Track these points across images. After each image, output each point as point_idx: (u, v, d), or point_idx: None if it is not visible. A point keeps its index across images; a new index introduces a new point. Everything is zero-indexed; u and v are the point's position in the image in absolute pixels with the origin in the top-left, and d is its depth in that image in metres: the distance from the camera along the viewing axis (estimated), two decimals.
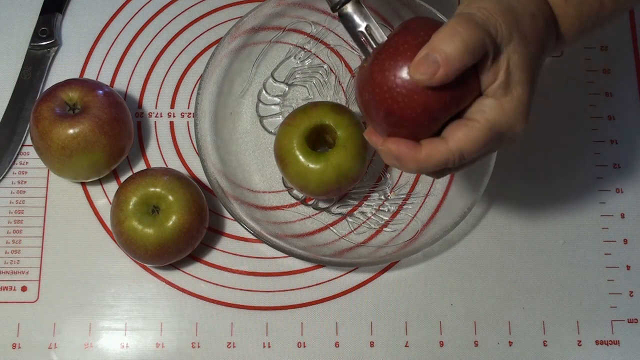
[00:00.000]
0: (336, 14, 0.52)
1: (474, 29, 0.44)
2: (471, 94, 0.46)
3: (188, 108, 0.69)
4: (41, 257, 0.64)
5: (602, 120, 0.69)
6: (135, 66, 0.70)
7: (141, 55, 0.70)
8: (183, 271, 0.64)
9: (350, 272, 0.64)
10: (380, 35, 0.51)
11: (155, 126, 0.68)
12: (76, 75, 0.69)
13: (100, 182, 0.66)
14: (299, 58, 0.70)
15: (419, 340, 0.63)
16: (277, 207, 0.66)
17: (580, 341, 0.63)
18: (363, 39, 0.52)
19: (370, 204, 0.66)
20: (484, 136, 0.46)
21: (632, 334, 0.63)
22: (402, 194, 0.66)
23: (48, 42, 0.69)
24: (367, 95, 0.47)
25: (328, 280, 0.64)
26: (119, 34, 0.70)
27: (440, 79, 0.44)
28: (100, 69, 0.69)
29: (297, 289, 0.64)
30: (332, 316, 0.63)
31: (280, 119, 0.68)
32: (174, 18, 0.71)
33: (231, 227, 0.65)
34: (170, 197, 0.60)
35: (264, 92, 0.69)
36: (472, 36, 0.44)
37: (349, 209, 0.66)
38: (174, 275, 0.64)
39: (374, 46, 0.51)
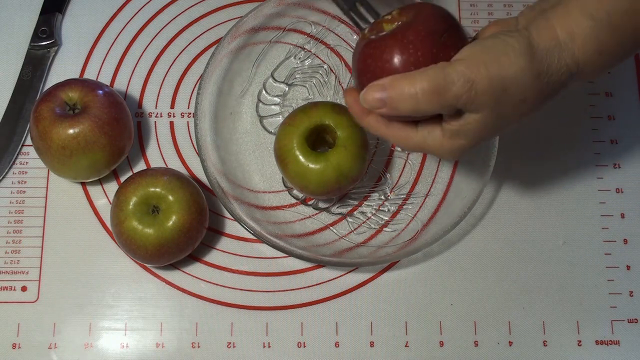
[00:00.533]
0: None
1: (435, 101, 0.46)
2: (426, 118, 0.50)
3: (188, 108, 0.69)
4: (41, 257, 0.64)
5: (602, 120, 0.69)
6: (135, 66, 0.70)
7: (141, 55, 0.70)
8: (183, 271, 0.64)
9: (350, 272, 0.64)
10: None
11: (155, 126, 0.68)
12: (76, 75, 0.69)
13: (100, 182, 0.66)
14: (299, 58, 0.70)
15: (419, 340, 0.63)
16: (277, 207, 0.66)
17: (580, 341, 0.63)
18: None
19: (370, 204, 0.66)
20: (414, 147, 0.52)
21: (632, 334, 0.63)
22: (402, 194, 0.66)
23: (48, 42, 0.69)
24: (361, 66, 0.51)
25: (328, 280, 0.64)
26: (119, 34, 0.70)
27: (381, 113, 0.48)
28: (100, 69, 0.69)
29: (297, 289, 0.64)
30: (332, 316, 0.63)
31: (280, 119, 0.68)
32: (174, 18, 0.71)
33: (231, 227, 0.65)
34: (170, 197, 0.60)
35: (264, 92, 0.69)
36: (428, 106, 0.47)
37: (349, 209, 0.66)
38: (174, 275, 0.64)
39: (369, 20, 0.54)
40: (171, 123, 0.68)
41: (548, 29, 0.47)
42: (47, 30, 0.70)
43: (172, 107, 0.69)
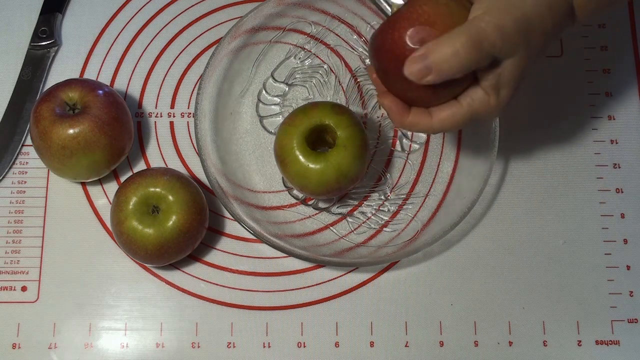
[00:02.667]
0: None
1: (475, 53, 0.48)
2: (464, 85, 0.51)
3: (188, 108, 0.69)
4: (41, 257, 0.64)
5: (602, 120, 0.69)
6: (135, 66, 0.70)
7: (141, 55, 0.70)
8: (183, 271, 0.64)
9: (350, 272, 0.64)
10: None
11: (155, 126, 0.68)
12: (76, 75, 0.69)
13: (100, 182, 0.66)
14: (299, 58, 0.70)
15: (419, 340, 0.63)
16: (277, 207, 0.66)
17: (580, 341, 0.63)
18: None
19: (370, 204, 0.66)
20: (464, 120, 0.52)
21: (632, 334, 0.63)
22: (402, 194, 0.66)
23: (48, 42, 0.69)
24: (381, 44, 0.51)
25: (328, 280, 0.64)
26: (119, 34, 0.70)
27: (427, 82, 0.49)
28: (100, 69, 0.69)
29: (297, 289, 0.64)
30: (332, 316, 0.63)
31: (280, 119, 0.68)
32: (174, 18, 0.71)
33: (231, 227, 0.65)
34: (170, 197, 0.60)
35: (264, 92, 0.69)
36: (470, 60, 0.48)
37: (349, 209, 0.66)
38: (174, 275, 0.64)
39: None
40: (171, 123, 0.68)
41: None
42: (47, 30, 0.70)
43: (172, 107, 0.69)
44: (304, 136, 0.60)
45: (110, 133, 0.61)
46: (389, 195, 0.66)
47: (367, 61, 0.70)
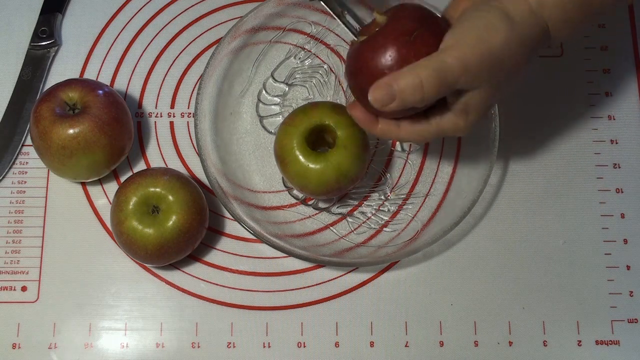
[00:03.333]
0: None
1: (439, 86, 0.49)
2: (431, 104, 0.52)
3: (188, 108, 0.69)
4: (41, 257, 0.64)
5: (602, 120, 0.69)
6: (135, 66, 0.70)
7: (141, 55, 0.70)
8: (183, 271, 0.64)
9: (350, 272, 0.64)
10: (354, 23, 0.58)
11: (155, 126, 0.68)
12: (76, 75, 0.69)
13: (100, 182, 0.66)
14: (299, 58, 0.70)
15: (419, 340, 0.63)
16: (277, 207, 0.66)
17: (580, 341, 0.63)
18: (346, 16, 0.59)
19: (370, 204, 0.66)
20: (431, 136, 0.54)
21: (632, 334, 0.63)
22: (402, 194, 0.66)
23: (48, 42, 0.69)
24: (352, 68, 0.54)
25: (328, 280, 0.64)
26: (119, 34, 0.70)
27: (390, 109, 0.50)
28: (100, 69, 0.69)
29: (297, 289, 0.64)
30: (332, 316, 0.63)
31: (280, 119, 0.68)
32: (174, 18, 0.71)
33: (231, 227, 0.65)
34: (170, 197, 0.60)
35: (264, 92, 0.69)
36: (433, 92, 0.49)
37: (349, 209, 0.66)
38: (174, 275, 0.64)
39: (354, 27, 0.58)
40: (171, 123, 0.68)
41: (519, 1, 0.50)
42: (47, 30, 0.70)
43: (172, 107, 0.69)
44: (304, 136, 0.60)
45: (110, 133, 0.61)
46: (389, 195, 0.66)
47: None
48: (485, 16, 0.50)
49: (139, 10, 0.71)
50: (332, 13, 0.58)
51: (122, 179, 0.66)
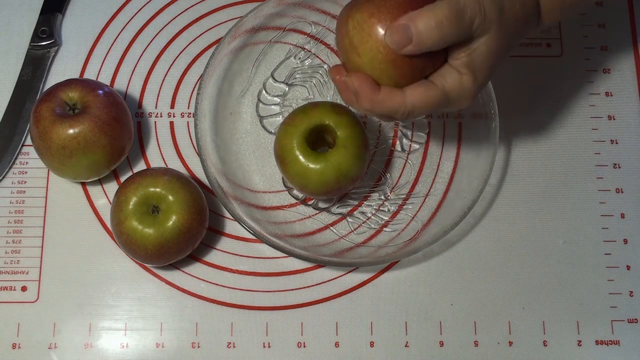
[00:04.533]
0: None
1: (457, 26, 0.48)
2: (436, 64, 0.51)
3: (188, 108, 0.69)
4: (41, 257, 0.64)
5: (602, 120, 0.69)
6: (135, 66, 0.70)
7: (141, 55, 0.70)
8: (183, 271, 0.64)
9: (350, 272, 0.64)
10: None
11: (155, 126, 0.68)
12: (76, 75, 0.69)
13: (100, 182, 0.66)
14: (299, 58, 0.70)
15: (419, 340, 0.63)
16: (277, 207, 0.66)
17: (580, 341, 0.63)
18: None
19: (370, 204, 0.66)
20: (436, 100, 0.51)
21: (632, 334, 0.63)
22: (402, 194, 0.66)
23: (48, 42, 0.69)
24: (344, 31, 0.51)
25: (328, 280, 0.64)
26: (119, 34, 0.70)
27: (407, 52, 0.49)
28: (100, 69, 0.69)
29: (297, 289, 0.64)
30: (332, 316, 0.63)
31: (280, 119, 0.68)
32: (174, 18, 0.71)
33: (231, 227, 0.65)
34: (170, 197, 0.60)
35: (264, 92, 0.69)
36: (452, 32, 0.48)
37: (349, 209, 0.66)
38: (174, 275, 0.64)
39: None
40: (171, 123, 0.68)
41: None
42: (47, 30, 0.70)
43: (172, 107, 0.69)
44: (304, 136, 0.60)
45: (110, 133, 0.61)
46: (389, 195, 0.66)
47: None
48: None
49: (139, 10, 0.71)
50: None
51: (122, 179, 0.66)
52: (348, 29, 0.51)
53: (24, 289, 0.63)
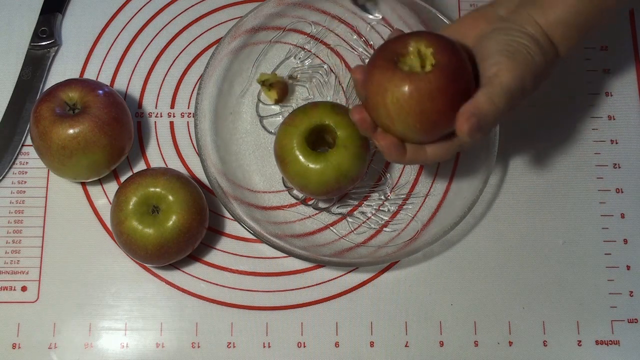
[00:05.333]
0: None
1: (508, 105, 0.52)
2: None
3: (188, 108, 0.69)
4: (41, 257, 0.64)
5: (602, 120, 0.69)
6: (135, 66, 0.70)
7: (141, 55, 0.70)
8: (183, 271, 0.64)
9: (350, 272, 0.64)
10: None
11: (155, 126, 0.68)
12: (76, 75, 0.69)
13: (100, 182, 0.66)
14: (299, 58, 0.70)
15: (419, 340, 0.63)
16: (277, 207, 0.66)
17: (580, 341, 0.63)
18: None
19: (370, 204, 0.66)
20: (454, 151, 0.55)
21: (632, 334, 0.63)
22: (402, 194, 0.66)
23: (48, 42, 0.69)
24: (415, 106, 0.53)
25: (328, 280, 0.64)
26: (119, 34, 0.70)
27: (477, 138, 0.53)
28: (100, 69, 0.69)
29: (297, 289, 0.64)
30: (332, 316, 0.63)
31: (280, 119, 0.68)
32: (174, 18, 0.71)
33: (231, 227, 0.65)
34: (170, 197, 0.60)
35: (263, 92, 0.69)
36: (504, 113, 0.53)
37: (349, 209, 0.66)
38: (174, 275, 0.64)
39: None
40: (171, 123, 0.68)
41: (536, 28, 0.54)
42: (47, 30, 0.70)
43: (172, 107, 0.69)
44: (304, 136, 0.60)
45: (110, 133, 0.61)
46: (389, 195, 0.66)
47: (367, 61, 0.69)
48: (522, 42, 0.53)
49: (139, 10, 0.71)
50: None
51: (122, 179, 0.66)
52: (386, 102, 0.52)
53: (24, 289, 0.63)
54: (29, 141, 0.67)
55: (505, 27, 0.54)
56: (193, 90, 0.69)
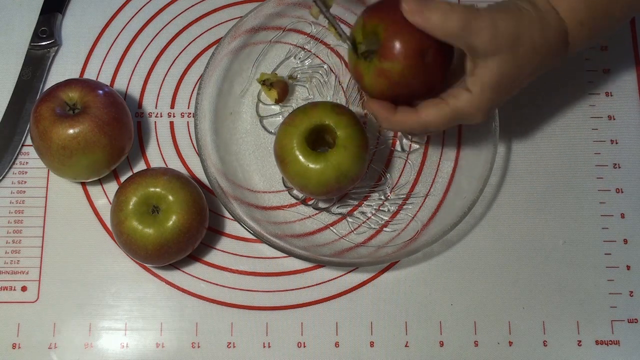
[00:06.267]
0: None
1: (463, 27, 0.52)
2: (443, 72, 0.56)
3: (188, 108, 0.69)
4: (41, 257, 0.64)
5: (602, 120, 0.69)
6: (135, 66, 0.70)
7: (141, 55, 0.70)
8: (183, 271, 0.64)
9: (350, 272, 0.64)
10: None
11: (155, 126, 0.68)
12: (76, 75, 0.69)
13: (100, 182, 0.66)
14: (299, 58, 0.70)
15: (419, 340, 0.63)
16: (277, 207, 0.66)
17: (580, 341, 0.63)
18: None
19: (370, 204, 0.66)
20: (449, 118, 0.56)
21: (632, 334, 0.63)
22: (402, 194, 0.66)
23: (48, 42, 0.69)
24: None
25: (328, 280, 0.64)
26: (119, 34, 0.71)
27: (413, 20, 0.53)
28: (100, 69, 0.69)
29: (297, 289, 0.64)
30: (332, 316, 0.63)
31: (280, 119, 0.68)
32: (174, 18, 0.71)
33: (231, 227, 0.65)
34: (170, 197, 0.60)
35: (263, 92, 0.69)
36: (455, 29, 0.52)
37: (349, 209, 0.66)
38: (174, 275, 0.64)
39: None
40: (171, 123, 0.68)
41: None
42: (47, 30, 0.70)
43: (172, 107, 0.69)
44: (304, 136, 0.60)
45: (110, 133, 0.61)
46: (389, 195, 0.66)
47: None
48: (517, 1, 0.54)
49: (139, 10, 0.71)
50: (327, 17, 0.59)
51: (122, 179, 0.66)
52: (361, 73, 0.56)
53: (24, 289, 0.63)
54: (29, 141, 0.67)
55: None
56: (193, 90, 0.69)
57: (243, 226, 0.61)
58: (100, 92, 0.62)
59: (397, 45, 0.54)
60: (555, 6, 0.54)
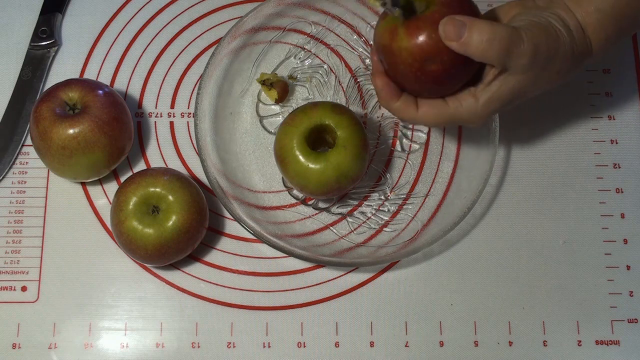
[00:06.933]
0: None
1: (505, 53, 0.51)
2: (459, 83, 0.54)
3: (188, 108, 0.69)
4: (41, 257, 0.64)
5: (602, 120, 0.69)
6: (135, 66, 0.70)
7: (141, 55, 0.70)
8: (183, 271, 0.64)
9: (350, 272, 0.64)
10: None
11: (155, 126, 0.68)
12: (76, 75, 0.69)
13: (100, 182, 0.66)
14: (299, 58, 0.70)
15: (419, 340, 0.63)
16: (277, 207, 0.66)
17: (580, 341, 0.63)
18: None
19: (370, 204, 0.66)
20: (446, 120, 0.55)
21: (632, 334, 0.63)
22: (402, 194, 0.66)
23: (48, 42, 0.69)
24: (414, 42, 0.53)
25: (328, 280, 0.64)
26: (119, 34, 0.71)
27: (450, 45, 0.51)
28: (100, 69, 0.69)
29: (297, 289, 0.64)
30: (332, 316, 0.63)
31: (280, 119, 0.68)
32: (174, 18, 0.71)
33: (231, 227, 0.65)
34: (170, 197, 0.60)
35: (263, 92, 0.69)
36: (493, 55, 0.51)
37: (349, 209, 0.66)
38: (174, 275, 0.64)
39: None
40: (171, 123, 0.68)
41: (570, 15, 0.53)
42: (47, 30, 0.70)
43: (172, 107, 0.69)
44: (304, 136, 0.60)
45: (110, 133, 0.61)
46: (389, 195, 0.66)
47: (367, 61, 0.70)
48: (552, 20, 0.53)
49: (139, 10, 0.71)
50: None
51: (122, 179, 0.66)
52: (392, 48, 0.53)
53: (24, 289, 0.63)
54: (29, 141, 0.67)
55: (539, 12, 0.54)
56: (193, 90, 0.69)
57: (243, 226, 0.61)
58: (100, 92, 0.62)
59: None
60: (584, 25, 0.53)
